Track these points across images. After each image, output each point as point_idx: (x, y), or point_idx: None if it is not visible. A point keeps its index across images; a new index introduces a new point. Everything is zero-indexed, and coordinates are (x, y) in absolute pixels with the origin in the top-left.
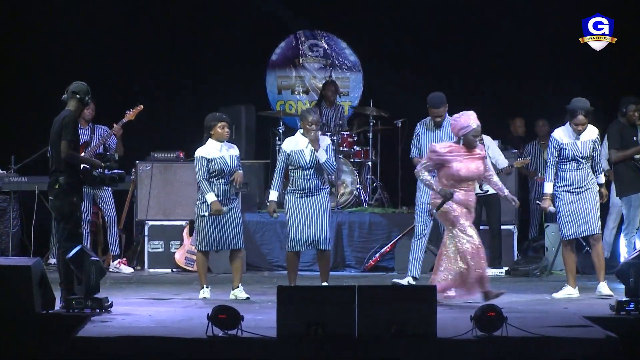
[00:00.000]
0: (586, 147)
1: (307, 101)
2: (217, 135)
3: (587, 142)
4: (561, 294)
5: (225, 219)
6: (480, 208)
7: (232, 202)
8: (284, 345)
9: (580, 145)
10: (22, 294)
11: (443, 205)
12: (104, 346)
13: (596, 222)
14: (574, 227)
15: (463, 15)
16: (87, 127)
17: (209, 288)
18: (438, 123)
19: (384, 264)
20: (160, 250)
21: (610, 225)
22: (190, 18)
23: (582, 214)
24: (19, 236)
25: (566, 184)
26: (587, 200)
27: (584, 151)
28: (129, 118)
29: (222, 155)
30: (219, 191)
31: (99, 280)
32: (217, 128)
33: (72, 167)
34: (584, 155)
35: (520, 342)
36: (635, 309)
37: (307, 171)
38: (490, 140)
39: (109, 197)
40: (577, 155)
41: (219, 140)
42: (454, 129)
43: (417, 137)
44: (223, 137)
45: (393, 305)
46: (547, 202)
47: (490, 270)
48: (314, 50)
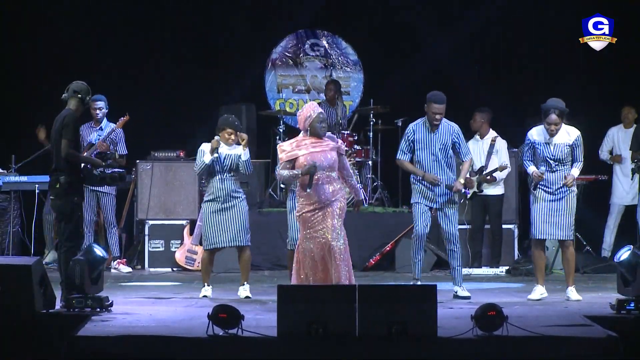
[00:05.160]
0: (559, 150)
1: (308, 100)
2: (223, 139)
3: (562, 145)
4: (535, 295)
5: (229, 216)
6: (480, 208)
7: (234, 200)
8: (285, 344)
9: (553, 147)
10: (23, 293)
11: (312, 179)
12: (104, 345)
13: (569, 228)
14: (545, 228)
15: (463, 15)
16: (98, 128)
17: (210, 287)
18: (436, 124)
19: (385, 263)
20: (161, 249)
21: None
22: (191, 17)
23: (555, 217)
24: (19, 235)
25: (542, 183)
26: (563, 205)
27: (556, 154)
28: (118, 127)
29: (220, 153)
30: (213, 188)
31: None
32: (224, 133)
33: (73, 166)
34: (556, 158)
35: (521, 341)
36: (635, 308)
37: None
38: (502, 143)
39: (110, 200)
40: (548, 157)
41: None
42: (300, 122)
43: (412, 141)
44: (226, 143)
45: (393, 304)
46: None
47: (489, 270)
48: (314, 49)
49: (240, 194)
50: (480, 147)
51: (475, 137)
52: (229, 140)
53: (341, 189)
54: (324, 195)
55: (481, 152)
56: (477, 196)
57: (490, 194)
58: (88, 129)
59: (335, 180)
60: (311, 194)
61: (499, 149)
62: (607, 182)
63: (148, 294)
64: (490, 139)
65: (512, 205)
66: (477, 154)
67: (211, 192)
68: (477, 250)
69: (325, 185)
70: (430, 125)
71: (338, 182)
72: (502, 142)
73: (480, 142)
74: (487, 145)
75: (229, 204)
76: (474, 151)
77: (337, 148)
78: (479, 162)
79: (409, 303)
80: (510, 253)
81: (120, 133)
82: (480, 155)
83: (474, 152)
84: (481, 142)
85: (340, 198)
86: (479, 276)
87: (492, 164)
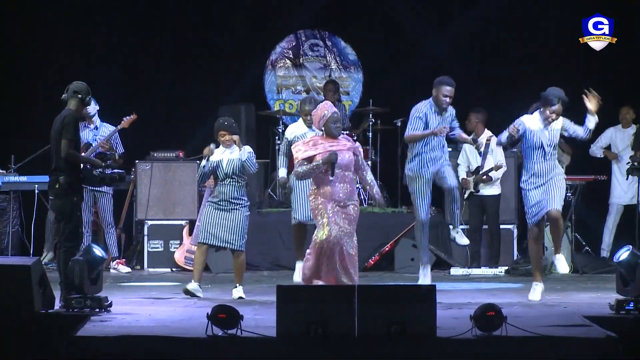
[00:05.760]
0: (554, 136)
1: None
2: (220, 142)
3: (556, 130)
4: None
5: (228, 218)
6: (478, 208)
7: (236, 206)
8: (284, 344)
9: (549, 133)
10: (22, 293)
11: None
12: (104, 346)
13: (559, 200)
14: (538, 207)
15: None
16: (93, 127)
17: (198, 284)
18: (445, 107)
19: (384, 264)
20: (160, 249)
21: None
22: (190, 17)
23: (546, 195)
24: (19, 236)
25: (532, 175)
26: (552, 186)
27: (552, 140)
28: (123, 126)
29: (220, 159)
30: (217, 192)
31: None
32: (219, 137)
33: (72, 166)
34: (552, 144)
35: (520, 342)
36: (634, 308)
37: None
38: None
39: (108, 200)
40: (546, 143)
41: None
42: (315, 122)
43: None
44: (223, 145)
45: (393, 304)
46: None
47: (489, 270)
48: (314, 50)
49: (242, 201)
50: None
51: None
52: (223, 142)
53: (355, 191)
54: (338, 194)
55: (476, 152)
56: (474, 196)
57: (487, 194)
58: (83, 128)
59: (350, 180)
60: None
61: (494, 148)
62: (606, 182)
63: (147, 294)
64: (485, 139)
65: (511, 205)
66: (472, 155)
67: (216, 195)
68: (476, 250)
69: (341, 184)
70: (439, 108)
71: (353, 183)
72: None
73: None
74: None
75: (229, 208)
76: (470, 152)
77: (354, 149)
78: (475, 163)
79: (409, 303)
80: (509, 253)
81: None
82: (476, 155)
83: (470, 152)
84: None
85: (355, 202)
86: (478, 276)
87: (488, 164)
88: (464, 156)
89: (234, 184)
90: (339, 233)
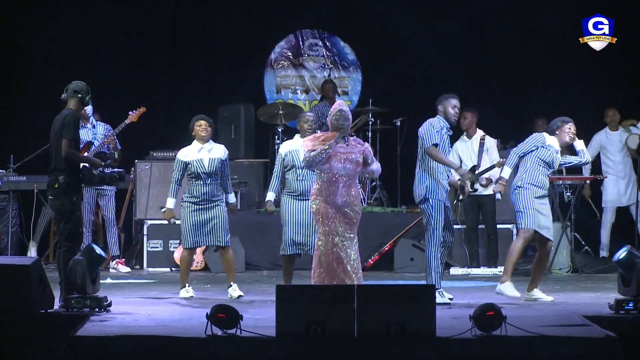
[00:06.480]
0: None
1: (307, 101)
2: (197, 135)
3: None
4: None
5: (209, 215)
6: (474, 208)
7: (214, 202)
8: (283, 344)
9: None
10: (21, 293)
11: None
12: (103, 345)
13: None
14: (539, 221)
15: (463, 15)
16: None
17: (190, 287)
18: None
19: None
20: (159, 249)
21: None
22: (190, 17)
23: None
24: (18, 235)
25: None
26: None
27: (556, 164)
28: (132, 120)
29: (200, 158)
30: (197, 192)
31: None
32: (195, 127)
33: (72, 166)
34: (555, 167)
35: (520, 341)
36: (634, 308)
37: (300, 170)
38: (492, 141)
39: (110, 199)
40: (554, 165)
41: (200, 141)
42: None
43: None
44: (202, 136)
45: (392, 304)
46: (500, 187)
47: (488, 270)
48: (313, 50)
49: (220, 197)
50: (470, 147)
51: (463, 138)
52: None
53: (359, 196)
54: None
55: (470, 152)
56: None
57: (484, 194)
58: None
59: (355, 185)
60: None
61: (489, 147)
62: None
63: (147, 294)
64: (478, 138)
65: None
66: (465, 154)
67: (192, 194)
68: (474, 250)
69: (344, 188)
70: (449, 123)
71: (357, 188)
72: (492, 140)
73: (469, 142)
74: (476, 144)
75: (210, 206)
76: (463, 151)
77: (362, 151)
78: (469, 162)
79: (408, 303)
80: None
81: (110, 128)
82: (470, 154)
83: (463, 152)
84: (469, 142)
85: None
86: (478, 276)
87: (484, 162)
88: (455, 156)
89: (215, 183)
90: (338, 242)
